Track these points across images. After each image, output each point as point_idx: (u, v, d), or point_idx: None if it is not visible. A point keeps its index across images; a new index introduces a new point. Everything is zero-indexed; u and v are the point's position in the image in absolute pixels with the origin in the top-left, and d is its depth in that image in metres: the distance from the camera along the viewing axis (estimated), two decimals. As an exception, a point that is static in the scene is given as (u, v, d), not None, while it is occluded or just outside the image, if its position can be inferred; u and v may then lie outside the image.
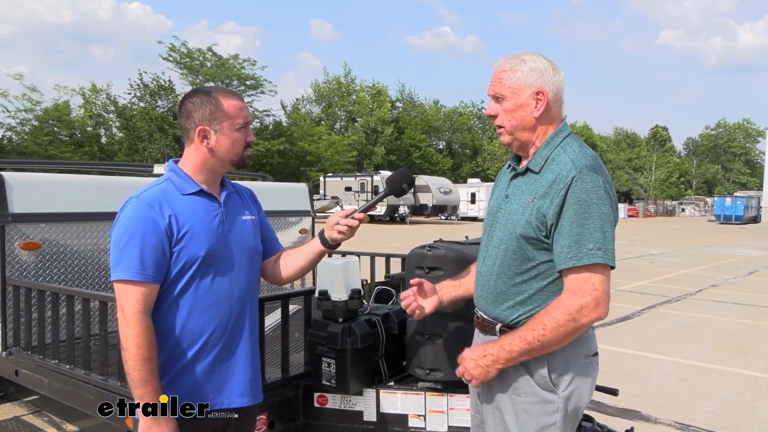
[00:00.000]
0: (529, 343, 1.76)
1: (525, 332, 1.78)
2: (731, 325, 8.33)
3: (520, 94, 1.87)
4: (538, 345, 1.76)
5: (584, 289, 1.73)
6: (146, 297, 1.81)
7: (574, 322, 1.73)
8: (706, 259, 17.49)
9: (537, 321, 1.77)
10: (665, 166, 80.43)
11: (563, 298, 1.76)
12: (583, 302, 1.73)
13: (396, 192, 2.18)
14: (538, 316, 1.78)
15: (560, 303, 1.75)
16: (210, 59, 41.76)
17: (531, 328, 1.77)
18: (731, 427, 4.55)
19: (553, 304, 1.77)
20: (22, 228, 3.69)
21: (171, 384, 1.88)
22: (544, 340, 1.75)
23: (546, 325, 1.74)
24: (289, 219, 5.49)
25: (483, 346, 1.87)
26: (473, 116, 66.36)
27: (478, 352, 1.87)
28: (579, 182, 1.75)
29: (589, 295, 1.73)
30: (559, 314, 1.74)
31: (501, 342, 1.83)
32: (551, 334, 1.74)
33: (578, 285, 1.74)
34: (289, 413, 2.74)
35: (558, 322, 1.73)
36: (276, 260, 2.21)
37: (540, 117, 1.88)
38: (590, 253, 1.72)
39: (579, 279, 1.74)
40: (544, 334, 1.74)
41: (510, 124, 1.91)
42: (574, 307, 1.73)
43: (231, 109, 1.94)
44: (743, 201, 48.28)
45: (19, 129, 37.27)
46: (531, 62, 1.88)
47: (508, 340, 1.81)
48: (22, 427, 4.31)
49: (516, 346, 1.78)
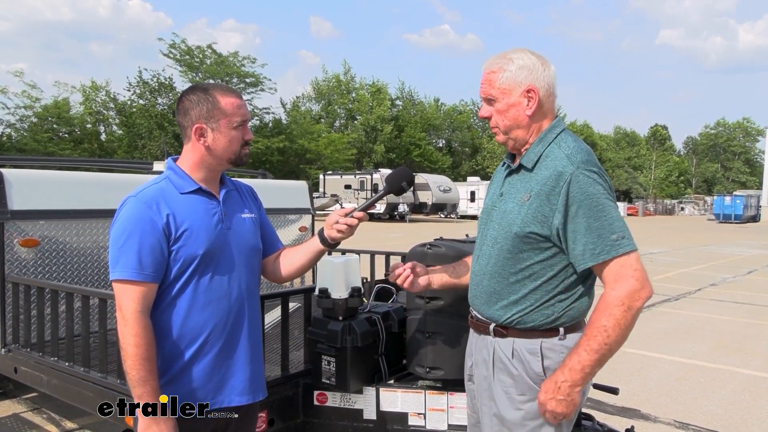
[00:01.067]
0: (597, 351, 1.71)
1: (588, 343, 1.72)
2: (731, 324, 8.33)
3: (511, 93, 1.86)
4: (606, 349, 1.71)
5: (625, 275, 1.71)
6: (144, 296, 1.80)
7: (630, 311, 1.71)
8: (706, 258, 17.49)
9: (595, 327, 1.72)
10: (665, 164, 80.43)
11: (610, 293, 1.72)
12: (630, 287, 1.70)
13: (395, 190, 2.17)
14: (594, 320, 1.73)
15: (609, 299, 1.71)
16: (210, 57, 41.69)
17: (592, 336, 1.72)
18: (731, 426, 4.55)
19: (602, 304, 1.73)
20: (21, 225, 3.68)
21: (171, 383, 1.88)
22: (611, 341, 1.71)
23: (606, 325, 1.70)
24: (288, 216, 5.48)
25: (551, 380, 1.78)
26: (473, 114, 66.24)
27: (550, 387, 1.78)
28: (580, 177, 1.74)
29: (632, 278, 1.71)
30: (613, 310, 1.70)
31: (568, 364, 1.75)
32: (615, 332, 1.70)
33: (617, 273, 1.72)
34: (289, 411, 2.74)
35: (617, 318, 1.70)
36: (276, 258, 2.20)
37: (533, 114, 1.87)
38: (616, 243, 1.71)
39: (615, 268, 1.72)
40: (608, 335, 1.70)
41: (504, 124, 1.90)
42: (625, 295, 1.70)
43: (228, 107, 1.93)
44: (743, 200, 48.27)
45: (19, 126, 37.25)
46: (519, 60, 1.86)
47: (575, 359, 1.74)
48: (21, 424, 4.31)
49: (586, 360, 1.73)
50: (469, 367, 2.08)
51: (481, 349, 1.98)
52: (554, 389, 1.76)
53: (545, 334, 1.85)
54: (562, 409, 1.76)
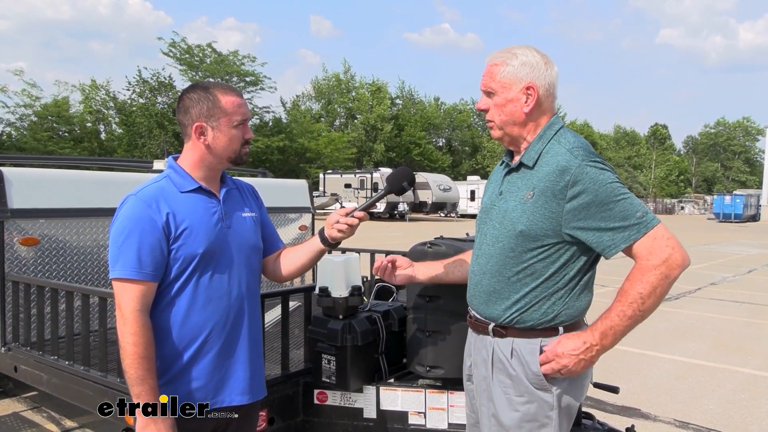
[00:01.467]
0: (631, 317, 1.71)
1: (623, 309, 1.72)
2: (730, 323, 8.34)
3: (511, 88, 1.86)
4: (639, 316, 1.72)
5: (659, 245, 1.71)
6: (144, 295, 1.81)
7: (667, 279, 1.71)
8: (706, 258, 17.49)
9: (629, 293, 1.71)
10: (665, 164, 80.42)
11: (644, 263, 1.71)
12: (665, 255, 1.70)
13: (396, 190, 2.17)
14: (628, 287, 1.72)
15: (644, 267, 1.71)
16: (210, 55, 41.66)
17: (627, 303, 1.71)
18: (730, 425, 4.55)
19: (637, 272, 1.72)
20: (21, 224, 3.68)
21: (171, 382, 1.88)
22: (645, 308, 1.71)
23: (642, 292, 1.70)
24: (288, 215, 5.48)
25: (578, 339, 1.77)
26: (473, 113, 66.20)
27: (577, 345, 1.77)
28: (587, 168, 1.73)
29: (668, 247, 1.71)
30: (650, 277, 1.70)
31: (599, 328, 1.75)
32: (650, 299, 1.70)
33: (650, 246, 1.71)
34: (289, 410, 2.74)
35: (653, 284, 1.70)
36: (277, 258, 2.20)
37: (530, 112, 1.86)
38: (643, 220, 1.72)
39: (647, 242, 1.71)
40: (643, 302, 1.70)
41: (500, 119, 1.89)
42: (661, 262, 1.69)
43: (228, 106, 1.92)
44: (743, 199, 48.26)
45: (19, 125, 37.23)
46: (522, 56, 1.86)
47: (607, 324, 1.74)
48: (22, 423, 4.31)
49: (619, 326, 1.72)
50: (468, 367, 2.08)
51: (480, 349, 1.97)
52: (580, 348, 1.75)
53: (544, 333, 1.84)
54: (581, 368, 1.77)
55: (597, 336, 1.75)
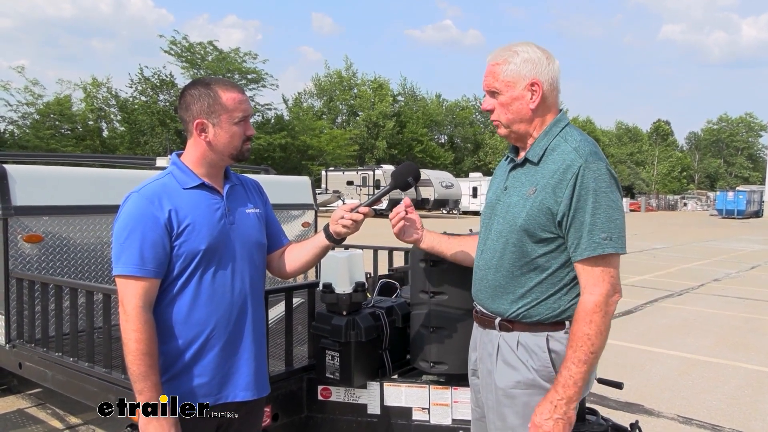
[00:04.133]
0: (585, 361, 1.72)
1: (575, 354, 1.73)
2: (733, 319, 8.33)
3: (515, 86, 1.86)
4: (593, 357, 1.73)
5: (602, 279, 1.74)
6: (146, 292, 1.81)
7: (607, 315, 1.74)
8: (708, 254, 17.47)
9: (578, 336, 1.73)
10: (667, 160, 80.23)
11: (588, 298, 1.74)
12: (605, 290, 1.73)
13: (401, 186, 2.16)
14: (575, 330, 1.74)
15: (587, 305, 1.73)
16: (211, 53, 41.63)
17: (577, 347, 1.72)
18: (733, 421, 4.55)
19: (581, 311, 1.74)
20: (25, 221, 3.68)
21: (174, 379, 1.87)
22: (595, 348, 1.72)
23: (589, 333, 1.72)
24: (291, 212, 5.48)
25: (545, 402, 1.76)
26: (475, 110, 66.14)
27: (547, 408, 1.75)
28: (587, 171, 1.74)
29: (607, 283, 1.74)
30: (594, 317, 1.72)
31: (560, 383, 1.74)
32: (598, 338, 1.72)
33: (596, 277, 1.74)
34: (293, 406, 2.74)
35: (598, 324, 1.72)
36: (281, 254, 2.19)
37: (536, 108, 1.86)
38: (603, 243, 1.73)
39: (596, 271, 1.74)
40: (593, 343, 1.72)
41: (506, 118, 1.89)
42: (601, 300, 1.72)
43: (229, 102, 1.91)
44: (745, 195, 48.16)
45: (21, 122, 37.28)
46: (524, 53, 1.85)
47: (565, 375, 1.73)
48: (26, 419, 4.32)
49: (576, 374, 1.72)
50: (474, 361, 2.08)
51: (486, 344, 1.97)
52: (550, 409, 1.74)
53: (551, 327, 1.84)
54: (560, 428, 1.74)
55: (560, 390, 1.74)
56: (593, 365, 1.75)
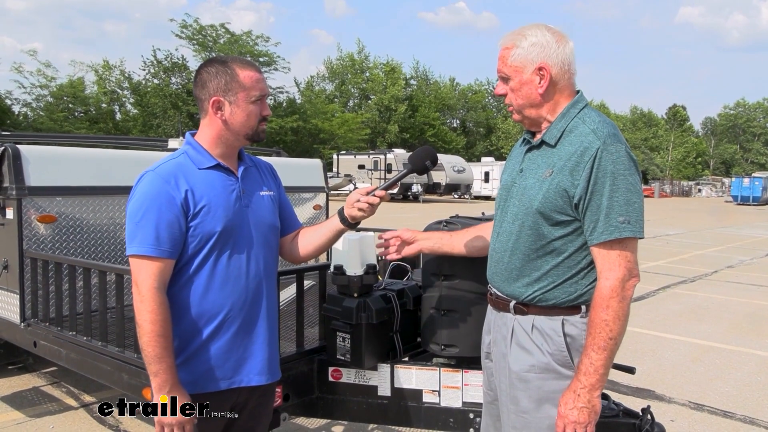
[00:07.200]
0: (605, 348, 1.70)
1: (594, 341, 1.71)
2: (747, 305, 8.27)
3: (523, 71, 1.83)
4: (612, 343, 1.70)
5: (618, 263, 1.71)
6: (161, 272, 1.79)
7: (625, 300, 1.71)
8: (723, 240, 17.32)
9: (596, 323, 1.71)
10: (682, 145, 79.33)
11: (604, 283, 1.72)
12: (621, 275, 1.71)
13: (419, 169, 2.14)
14: (593, 317, 1.72)
15: (603, 290, 1.71)
16: (223, 36, 41.54)
17: (596, 334, 1.71)
18: (746, 408, 4.53)
19: (597, 297, 1.72)
20: (38, 201, 3.71)
21: (188, 361, 1.87)
22: (614, 334, 1.70)
23: (607, 319, 1.70)
24: (303, 195, 5.48)
25: (568, 392, 1.75)
26: (488, 94, 65.66)
27: (570, 398, 1.74)
28: (605, 153, 1.71)
29: (624, 267, 1.71)
30: (611, 302, 1.70)
31: (581, 371, 1.73)
32: (616, 324, 1.70)
33: (612, 261, 1.72)
34: (304, 387, 2.75)
35: (615, 309, 1.70)
36: (294, 237, 2.17)
37: (545, 93, 1.83)
38: (620, 227, 1.70)
39: (612, 255, 1.72)
40: (611, 329, 1.70)
41: (517, 103, 1.87)
42: (617, 285, 1.70)
43: (247, 81, 1.89)
44: (761, 182, 47.51)
45: (35, 105, 37.51)
46: (532, 37, 1.81)
47: (586, 363, 1.72)
48: (41, 397, 4.39)
49: (597, 361, 1.70)
50: (487, 344, 2.07)
51: (501, 327, 1.96)
52: (574, 398, 1.73)
53: (567, 311, 1.83)
54: (585, 417, 1.73)
55: (582, 378, 1.72)
56: (613, 351, 1.72)
